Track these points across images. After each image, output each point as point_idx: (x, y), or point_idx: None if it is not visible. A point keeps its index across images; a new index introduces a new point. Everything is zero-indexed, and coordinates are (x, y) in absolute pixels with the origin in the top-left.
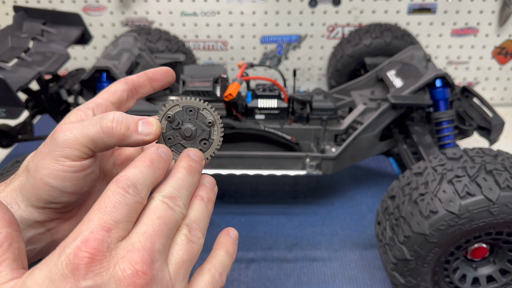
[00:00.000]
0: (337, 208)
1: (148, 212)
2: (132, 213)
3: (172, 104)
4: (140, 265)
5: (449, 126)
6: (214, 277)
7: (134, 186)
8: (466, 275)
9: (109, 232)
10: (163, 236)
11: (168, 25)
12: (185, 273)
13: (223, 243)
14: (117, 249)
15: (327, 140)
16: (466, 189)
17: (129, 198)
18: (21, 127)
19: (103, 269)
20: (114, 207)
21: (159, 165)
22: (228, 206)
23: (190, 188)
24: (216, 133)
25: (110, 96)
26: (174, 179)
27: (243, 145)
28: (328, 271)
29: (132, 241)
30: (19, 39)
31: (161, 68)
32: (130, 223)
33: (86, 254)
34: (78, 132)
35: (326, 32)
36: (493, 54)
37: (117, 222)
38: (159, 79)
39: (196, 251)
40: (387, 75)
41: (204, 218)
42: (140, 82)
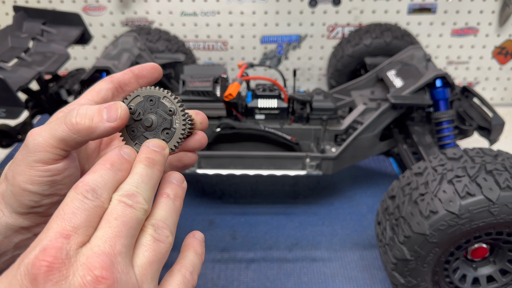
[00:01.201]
0: (337, 208)
1: (106, 215)
2: (92, 218)
3: (134, 95)
4: (99, 270)
5: (449, 126)
6: (185, 276)
7: (93, 190)
8: (466, 275)
9: (67, 239)
10: (123, 236)
11: (168, 25)
12: (154, 273)
13: (190, 244)
14: (77, 256)
15: (327, 140)
16: (466, 189)
17: (87, 203)
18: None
19: (62, 277)
20: (72, 213)
21: (121, 166)
22: (228, 206)
23: (150, 182)
24: (178, 122)
25: (94, 96)
26: (132, 175)
27: (243, 145)
28: (328, 271)
29: (91, 246)
30: (19, 39)
31: (147, 64)
32: (91, 228)
33: (44, 263)
34: (47, 134)
35: (326, 32)
36: (493, 54)
37: (76, 228)
38: (146, 76)
39: (164, 250)
40: (387, 75)
41: (172, 215)
42: (126, 79)
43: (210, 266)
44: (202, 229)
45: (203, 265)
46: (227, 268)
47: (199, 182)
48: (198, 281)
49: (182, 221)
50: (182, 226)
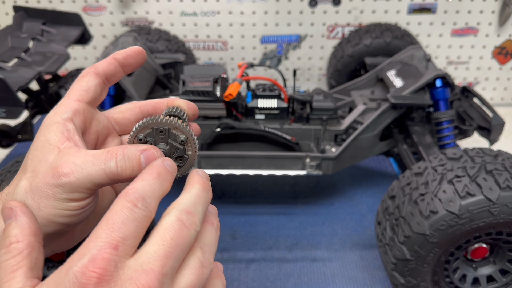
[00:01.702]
0: (337, 208)
1: (162, 230)
2: (140, 228)
3: (142, 125)
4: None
5: (449, 126)
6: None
7: (143, 199)
8: (466, 275)
9: (116, 250)
10: (174, 258)
11: (168, 25)
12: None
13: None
14: (125, 269)
15: (327, 140)
16: (466, 189)
17: (137, 212)
18: (21, 127)
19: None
20: (122, 222)
21: (166, 177)
22: (228, 206)
23: (205, 205)
24: (191, 149)
25: (84, 96)
26: (190, 193)
27: (243, 145)
28: (328, 271)
29: (141, 261)
30: (19, 39)
31: (132, 51)
32: (138, 239)
33: (94, 274)
34: (82, 177)
35: (326, 32)
36: (493, 54)
37: (124, 239)
38: (132, 64)
39: (205, 276)
40: (387, 75)
41: (215, 243)
42: (112, 70)
43: None
44: None
45: None
46: (227, 268)
47: None
48: None
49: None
50: None
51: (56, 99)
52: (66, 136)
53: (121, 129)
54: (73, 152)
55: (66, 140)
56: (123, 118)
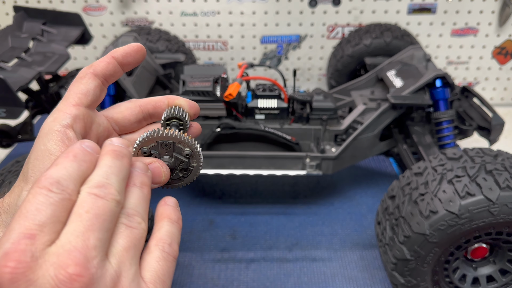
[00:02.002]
0: (337, 208)
1: (76, 208)
2: (59, 212)
3: (146, 138)
4: (73, 267)
5: (449, 126)
6: (164, 250)
7: (57, 182)
8: (466, 275)
9: (32, 239)
10: (96, 230)
11: (168, 25)
12: (132, 259)
13: (164, 213)
14: (45, 256)
15: (327, 140)
16: (466, 189)
17: (53, 196)
18: (21, 127)
19: (29, 282)
20: (36, 209)
21: (85, 157)
22: (228, 206)
23: (120, 173)
24: (196, 161)
25: (82, 99)
26: (100, 167)
27: (243, 145)
28: (328, 271)
29: (61, 243)
30: (19, 39)
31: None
32: (59, 224)
33: (7, 269)
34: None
35: (326, 32)
36: (493, 54)
37: (41, 226)
38: (131, 62)
39: (138, 236)
40: (387, 75)
41: (141, 202)
42: (110, 70)
43: (210, 266)
44: (202, 229)
45: (203, 265)
46: (227, 268)
47: (199, 182)
48: (198, 281)
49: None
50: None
51: (56, 99)
52: (67, 144)
53: (120, 129)
54: None
55: None
56: (123, 118)
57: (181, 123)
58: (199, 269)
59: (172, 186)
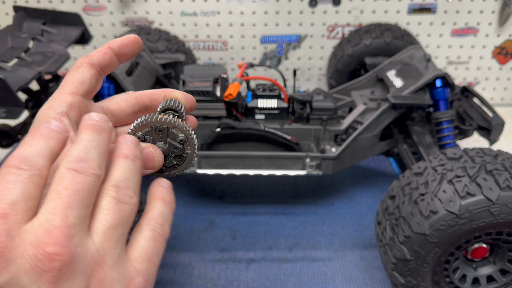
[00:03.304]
0: (337, 208)
1: (53, 185)
2: (30, 189)
3: (140, 124)
4: (52, 246)
5: (449, 126)
6: (155, 229)
7: (26, 159)
8: (466, 275)
9: (5, 218)
10: (75, 207)
11: (168, 25)
12: (119, 238)
13: (157, 194)
14: (22, 235)
15: (327, 140)
16: (466, 189)
17: (22, 173)
18: (21, 127)
19: (7, 262)
20: (5, 188)
21: (51, 135)
22: (228, 206)
23: (100, 147)
24: (190, 148)
25: (79, 88)
26: (78, 142)
27: (243, 145)
28: (328, 271)
29: (39, 222)
30: (19, 39)
31: (128, 40)
32: (32, 200)
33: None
34: None
35: (326, 32)
36: (493, 54)
37: (13, 204)
38: (127, 53)
39: (128, 213)
40: (387, 75)
41: (133, 175)
42: (107, 61)
43: (210, 266)
44: (202, 229)
45: (203, 265)
46: (227, 268)
47: (199, 182)
48: (198, 281)
49: (182, 221)
50: (182, 226)
51: None
52: None
53: (116, 121)
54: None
55: None
56: (118, 109)
57: (177, 115)
58: (199, 269)
59: (166, 173)
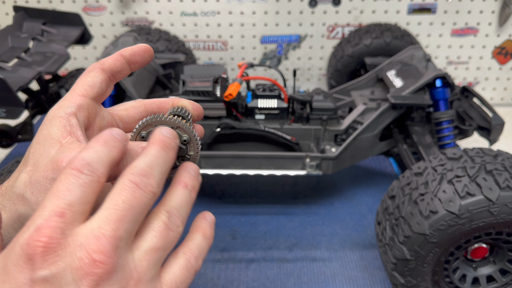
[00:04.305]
0: (337, 208)
1: (113, 194)
2: (88, 194)
3: (144, 123)
4: (98, 254)
5: (449, 126)
6: (190, 261)
7: (88, 165)
8: (466, 275)
9: (62, 217)
10: (127, 221)
11: (168, 25)
12: (157, 261)
13: (200, 227)
14: (74, 235)
15: (327, 140)
16: (466, 189)
17: (83, 178)
18: (21, 127)
19: (58, 257)
20: (67, 189)
21: (114, 144)
22: (228, 206)
23: (164, 165)
24: (193, 149)
25: (89, 91)
26: (146, 155)
27: (243, 145)
28: (328, 271)
29: (92, 227)
30: (19, 39)
31: (139, 48)
32: (87, 204)
33: (39, 243)
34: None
35: (326, 32)
36: (493, 54)
37: (71, 205)
38: (138, 61)
39: (172, 240)
40: (387, 75)
41: (186, 206)
42: (118, 67)
43: (210, 266)
44: None
45: (203, 265)
46: (227, 268)
47: None
48: (198, 281)
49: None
50: None
51: (56, 99)
52: (69, 131)
53: (124, 126)
54: (74, 147)
55: (68, 135)
56: (127, 115)
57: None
58: (199, 269)
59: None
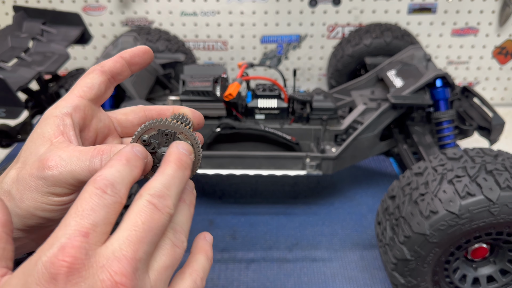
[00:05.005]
0: (337, 208)
1: (133, 215)
2: (111, 214)
3: (147, 126)
4: (120, 276)
5: (449, 126)
6: (196, 282)
7: (112, 185)
8: (466, 275)
9: (87, 237)
10: (147, 243)
11: (168, 25)
12: (167, 278)
13: (202, 248)
14: (96, 256)
15: (327, 140)
16: (466, 189)
17: (107, 199)
18: (20, 127)
19: (81, 278)
20: (91, 209)
21: (136, 163)
22: (228, 206)
23: (180, 186)
24: (194, 155)
25: (87, 92)
26: (163, 175)
27: (243, 145)
28: (328, 271)
29: (113, 248)
30: (19, 39)
31: (139, 49)
32: (109, 225)
33: (64, 263)
34: (66, 172)
35: (326, 32)
36: (494, 54)
37: (95, 226)
38: (139, 63)
39: (179, 256)
40: (387, 75)
41: (188, 221)
42: (118, 69)
43: None
44: (202, 229)
45: None
46: (227, 268)
47: (199, 182)
48: None
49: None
50: None
51: (56, 99)
52: (61, 130)
53: (123, 131)
54: (62, 147)
55: (60, 135)
56: (126, 120)
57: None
58: None
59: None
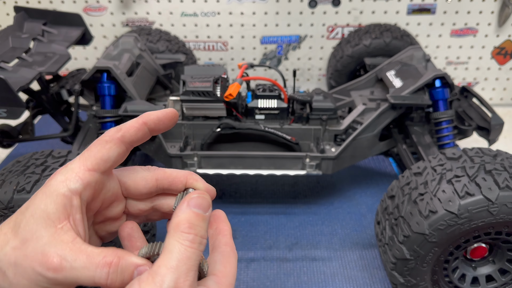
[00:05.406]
0: (336, 208)
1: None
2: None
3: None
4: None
5: (449, 126)
6: None
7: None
8: (466, 275)
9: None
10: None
11: (169, 25)
12: None
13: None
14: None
15: (327, 140)
16: (465, 189)
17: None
18: (22, 127)
19: None
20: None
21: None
22: (228, 206)
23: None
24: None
25: (101, 165)
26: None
27: (243, 145)
28: (328, 271)
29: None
30: (20, 40)
31: (164, 116)
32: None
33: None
34: (70, 277)
35: (326, 33)
36: (493, 54)
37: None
38: (162, 129)
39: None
40: (386, 75)
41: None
42: (139, 137)
43: None
44: None
45: None
46: None
47: None
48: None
49: None
50: None
51: (57, 99)
52: (68, 212)
53: (128, 194)
54: (67, 241)
55: (65, 219)
56: (134, 189)
57: None
58: None
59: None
